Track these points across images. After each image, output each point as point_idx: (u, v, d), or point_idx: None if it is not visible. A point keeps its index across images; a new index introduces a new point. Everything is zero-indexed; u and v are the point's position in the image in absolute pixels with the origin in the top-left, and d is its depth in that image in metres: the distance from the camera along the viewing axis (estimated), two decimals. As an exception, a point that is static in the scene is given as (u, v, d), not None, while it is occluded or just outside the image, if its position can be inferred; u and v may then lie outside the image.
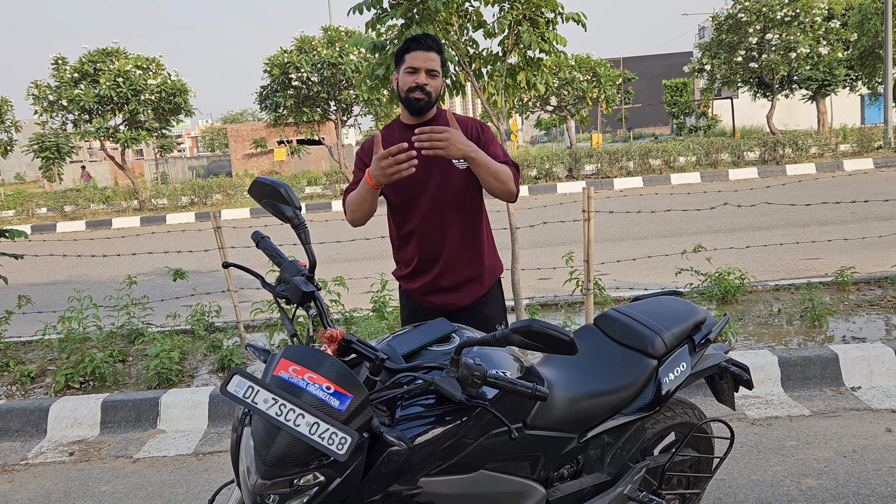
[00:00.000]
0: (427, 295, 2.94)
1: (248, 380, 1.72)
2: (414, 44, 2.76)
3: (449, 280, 2.91)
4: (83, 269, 11.49)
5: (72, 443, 4.52)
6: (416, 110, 2.80)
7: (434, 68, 2.75)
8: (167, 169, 44.75)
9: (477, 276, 2.94)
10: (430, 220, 2.84)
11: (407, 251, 2.96)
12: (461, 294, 2.92)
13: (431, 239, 2.87)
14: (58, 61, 21.06)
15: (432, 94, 2.77)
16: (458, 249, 2.88)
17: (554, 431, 2.23)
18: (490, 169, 2.71)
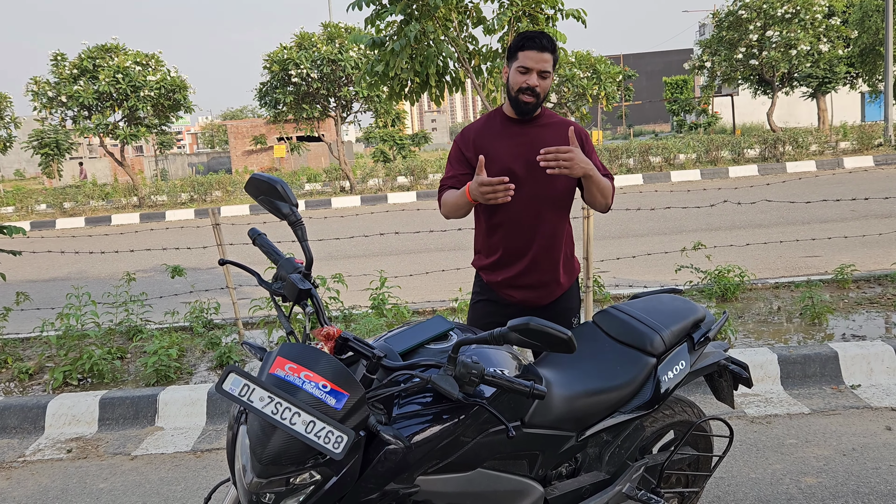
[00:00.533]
0: (508, 289, 2.93)
1: (243, 378, 1.71)
2: (529, 42, 2.72)
3: (532, 278, 2.90)
4: (82, 266, 11.48)
5: (69, 440, 4.52)
6: (523, 112, 2.80)
7: (546, 69, 2.73)
8: (167, 166, 44.73)
9: (558, 276, 2.93)
10: (523, 216, 2.83)
11: (492, 242, 2.94)
12: (542, 292, 2.92)
13: (521, 235, 2.86)
14: (57, 57, 21.01)
15: (541, 96, 2.77)
16: (545, 249, 2.87)
17: (552, 430, 2.22)
18: (600, 185, 2.74)
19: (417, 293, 7.39)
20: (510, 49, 2.80)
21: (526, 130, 2.85)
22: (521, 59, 2.72)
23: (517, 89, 2.74)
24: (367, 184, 22.83)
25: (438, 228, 10.86)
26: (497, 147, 2.83)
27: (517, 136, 2.84)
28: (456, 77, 5.48)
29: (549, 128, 2.87)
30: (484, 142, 2.87)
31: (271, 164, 36.88)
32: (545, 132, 2.85)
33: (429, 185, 22.14)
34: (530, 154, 2.75)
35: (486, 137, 2.87)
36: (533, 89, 2.72)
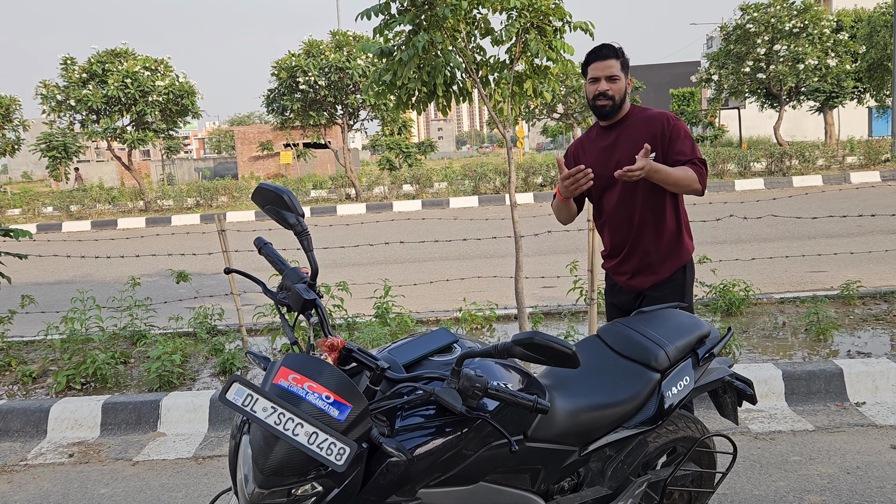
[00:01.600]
0: (617, 275, 3.33)
1: (247, 388, 1.71)
2: (592, 56, 3.07)
3: (632, 265, 3.24)
4: (87, 270, 11.50)
5: (72, 444, 4.52)
6: (603, 115, 3.13)
7: (613, 73, 3.03)
8: (173, 170, 44.87)
9: (652, 264, 3.20)
10: (619, 212, 3.17)
11: (604, 237, 3.37)
12: (642, 278, 3.23)
13: (619, 228, 3.22)
14: (66, 61, 21.14)
15: (615, 98, 3.06)
16: (643, 238, 3.17)
17: (555, 444, 2.21)
18: (671, 179, 2.96)
19: (421, 302, 7.39)
20: (582, 68, 3.16)
21: (616, 133, 3.16)
22: (590, 72, 3.08)
23: (592, 98, 3.09)
24: (372, 191, 22.86)
25: (443, 238, 10.87)
26: (588, 153, 3.23)
27: (607, 140, 3.18)
28: (463, 87, 5.48)
29: (632, 127, 3.14)
30: (579, 151, 3.29)
31: (277, 171, 36.98)
32: (632, 130, 3.14)
33: (434, 193, 22.17)
34: (615, 154, 3.10)
35: (583, 147, 3.27)
36: (604, 93, 3.04)
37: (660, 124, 3.09)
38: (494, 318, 6.43)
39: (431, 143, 40.74)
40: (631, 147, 3.06)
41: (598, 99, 3.07)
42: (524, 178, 21.49)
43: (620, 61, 3.05)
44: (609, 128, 3.19)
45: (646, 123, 3.11)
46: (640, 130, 3.10)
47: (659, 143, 3.07)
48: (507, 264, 8.61)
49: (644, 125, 3.11)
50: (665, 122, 3.11)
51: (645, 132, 3.08)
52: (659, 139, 3.08)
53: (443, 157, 71.27)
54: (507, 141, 5.56)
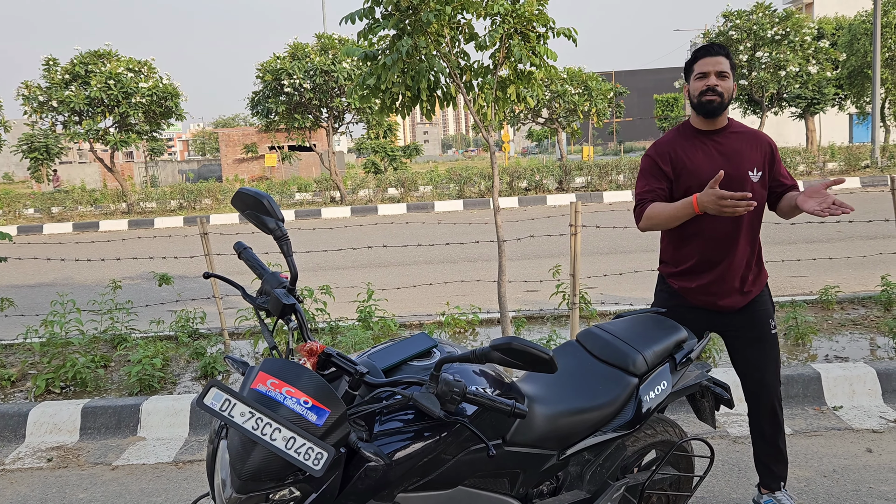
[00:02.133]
0: (703, 295, 3.03)
1: (225, 392, 1.71)
2: (701, 52, 2.92)
3: (728, 285, 3.00)
4: (68, 272, 11.40)
5: (50, 448, 4.48)
6: (709, 112, 2.91)
7: (723, 70, 2.88)
8: (157, 172, 44.57)
9: (751, 283, 3.04)
10: (721, 227, 2.93)
11: (686, 251, 3.04)
12: (737, 298, 3.03)
13: (717, 244, 2.97)
14: (49, 62, 20.94)
15: (724, 95, 2.88)
16: (741, 258, 2.98)
17: (534, 448, 2.22)
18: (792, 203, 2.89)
19: (405, 306, 7.39)
20: (686, 68, 3.00)
21: (719, 141, 2.97)
22: (698, 69, 2.91)
23: (699, 93, 2.89)
24: (357, 195, 22.82)
25: (427, 242, 10.88)
26: (694, 159, 2.96)
27: (711, 147, 2.96)
28: (447, 92, 5.50)
29: (739, 137, 2.99)
30: (680, 154, 2.99)
31: (262, 173, 36.84)
32: (737, 142, 2.98)
33: (419, 196, 22.18)
34: (727, 166, 2.89)
35: (682, 150, 2.99)
36: (713, 88, 2.86)
37: (766, 143, 3.01)
38: (477, 322, 6.44)
39: (417, 146, 40.75)
40: (740, 160, 2.94)
41: (706, 94, 2.88)
42: (509, 182, 21.54)
43: (729, 62, 2.92)
44: (710, 133, 2.99)
45: (753, 139, 3.00)
46: (750, 145, 2.98)
47: (767, 163, 2.99)
48: (490, 268, 8.64)
49: (752, 140, 2.99)
50: (769, 141, 3.04)
51: (755, 147, 2.98)
52: (767, 158, 3.00)
53: (428, 160, 71.31)
54: (490, 145, 5.58)
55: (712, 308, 3.05)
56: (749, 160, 2.95)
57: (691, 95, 2.95)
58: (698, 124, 3.00)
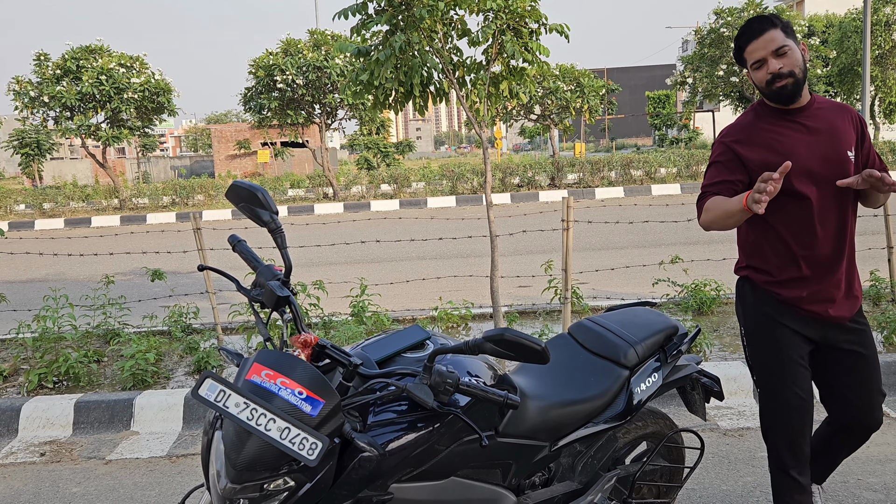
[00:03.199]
0: (819, 303, 2.58)
1: (219, 384, 1.73)
2: (744, 35, 2.50)
3: (844, 288, 2.60)
4: (60, 268, 11.37)
5: (43, 443, 4.48)
6: (786, 97, 2.49)
7: (779, 45, 2.44)
8: (149, 168, 44.38)
9: (853, 284, 2.65)
10: (828, 219, 2.53)
11: (791, 252, 2.58)
12: (853, 302, 2.63)
13: (828, 241, 2.55)
14: (40, 58, 20.82)
15: (795, 72, 2.45)
16: (851, 254, 2.62)
17: (526, 439, 2.25)
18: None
19: (398, 301, 7.41)
20: (736, 56, 2.59)
21: (811, 118, 2.54)
22: (749, 57, 2.50)
23: (766, 84, 2.48)
24: (350, 191, 22.81)
25: (420, 237, 10.89)
26: (789, 142, 2.52)
27: (804, 127, 2.53)
28: (440, 88, 5.51)
29: (828, 112, 2.57)
30: (768, 137, 2.54)
31: (255, 169, 36.73)
32: (829, 117, 2.56)
33: (412, 193, 22.18)
34: (827, 148, 2.50)
35: (769, 132, 2.54)
36: (779, 73, 2.44)
37: (856, 118, 2.59)
38: (470, 317, 6.46)
39: (409, 143, 40.73)
40: (831, 137, 2.51)
41: (774, 82, 2.45)
42: (501, 178, 21.57)
43: (780, 27, 2.46)
44: (793, 113, 2.54)
45: (839, 111, 2.57)
46: (837, 118, 2.55)
47: (856, 140, 2.57)
48: (483, 264, 8.66)
49: (838, 112, 2.57)
50: (858, 116, 2.61)
51: (844, 120, 2.55)
52: (857, 134, 2.57)
53: (421, 157, 71.21)
54: (483, 141, 5.60)
55: (826, 319, 2.59)
56: (846, 138, 2.53)
57: (758, 85, 2.54)
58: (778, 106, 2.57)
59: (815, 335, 2.61)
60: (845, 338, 2.62)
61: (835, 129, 2.51)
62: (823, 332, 2.61)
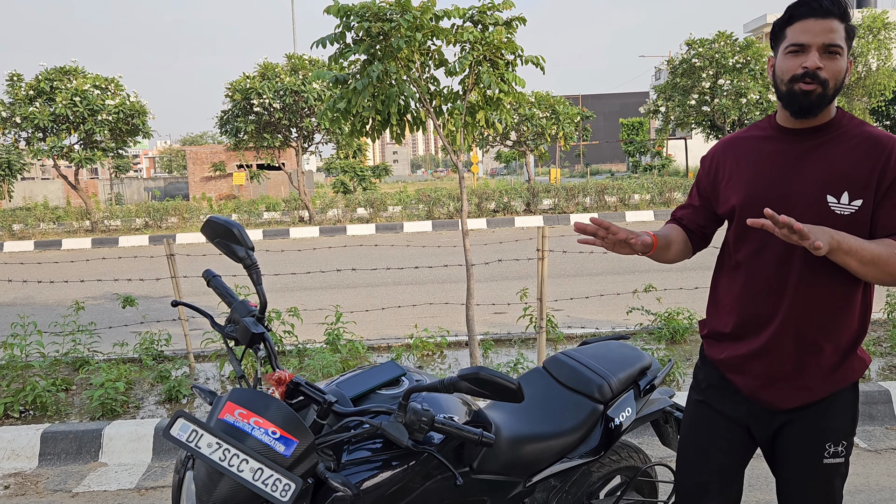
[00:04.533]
0: (734, 372, 2.10)
1: (191, 423, 1.71)
2: (801, 10, 1.89)
3: (765, 363, 2.03)
4: (29, 292, 11.17)
5: (7, 475, 4.37)
6: (803, 109, 1.91)
7: (835, 43, 1.87)
8: (122, 190, 43.95)
9: (807, 371, 2.00)
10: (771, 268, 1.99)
11: (728, 298, 2.12)
12: (781, 390, 2.03)
13: (765, 296, 2.01)
14: (13, 78, 20.65)
15: (829, 84, 1.88)
16: (795, 323, 1.98)
17: (500, 476, 2.24)
18: (864, 256, 1.80)
19: (373, 328, 7.38)
20: (775, 29, 1.98)
21: (801, 144, 1.98)
22: (791, 36, 1.91)
23: (789, 79, 1.90)
24: (326, 214, 22.76)
25: (396, 265, 10.88)
26: (748, 166, 2.04)
27: (784, 152, 1.99)
28: (417, 116, 5.56)
29: (841, 140, 1.94)
30: (732, 159, 2.10)
31: (230, 192, 36.53)
32: (833, 148, 1.94)
33: (388, 217, 22.19)
34: (794, 179, 1.95)
35: (740, 153, 2.09)
36: (815, 74, 1.86)
37: (888, 153, 1.88)
38: (446, 345, 6.45)
39: (386, 166, 40.80)
40: (830, 169, 1.91)
41: (801, 81, 1.88)
42: (477, 203, 21.68)
43: (845, 26, 1.89)
44: (796, 135, 1.98)
45: (867, 142, 1.91)
46: (854, 150, 1.91)
47: (875, 183, 1.88)
48: (458, 290, 8.67)
49: (863, 143, 1.91)
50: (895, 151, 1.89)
51: (864, 160, 1.89)
52: (878, 175, 1.88)
53: (397, 180, 71.39)
54: (459, 169, 5.64)
55: (754, 399, 2.08)
56: (840, 178, 1.90)
57: (777, 76, 1.95)
58: (784, 120, 2.01)
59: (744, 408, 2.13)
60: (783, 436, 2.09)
61: (829, 163, 1.92)
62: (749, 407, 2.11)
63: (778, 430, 2.09)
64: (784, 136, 2.01)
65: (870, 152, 1.90)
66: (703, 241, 2.29)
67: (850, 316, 1.98)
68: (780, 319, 1.98)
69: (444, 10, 5.05)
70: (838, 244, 1.76)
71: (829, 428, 2.04)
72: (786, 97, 1.94)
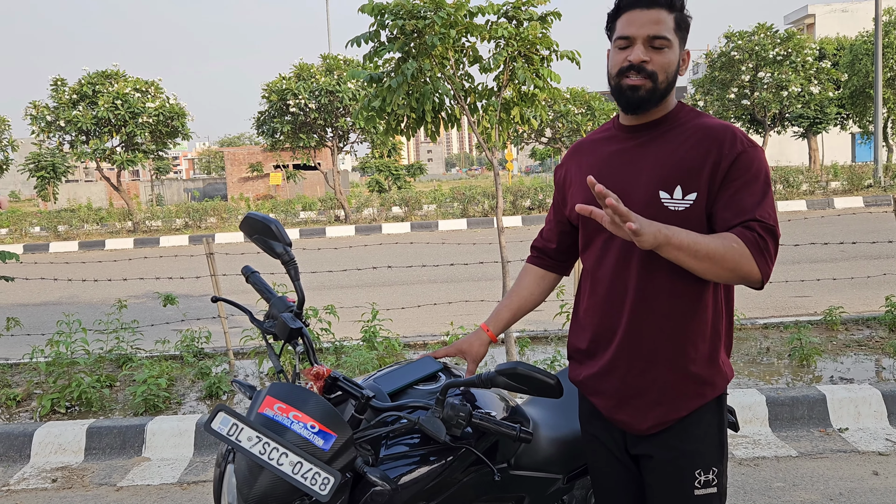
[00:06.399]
0: (591, 393, 1.99)
1: (232, 417, 1.72)
2: (627, 0, 1.80)
3: (614, 380, 1.91)
4: (74, 291, 11.44)
5: (55, 469, 4.48)
6: (631, 105, 1.82)
7: (660, 34, 1.76)
8: (162, 191, 44.79)
9: (664, 390, 1.85)
10: (611, 275, 1.88)
11: (582, 313, 2.02)
12: (630, 411, 1.89)
13: (605, 305, 1.90)
14: (57, 82, 21.18)
15: (658, 77, 1.78)
16: (637, 333, 1.85)
17: (539, 472, 2.23)
18: (699, 253, 1.66)
19: (409, 326, 7.40)
20: (608, 21, 1.89)
21: (637, 141, 1.89)
22: (619, 28, 1.81)
23: (616, 72, 1.81)
24: (361, 213, 22.91)
25: (431, 262, 10.90)
26: (588, 169, 1.94)
27: (622, 151, 1.90)
28: (452, 114, 5.55)
29: (675, 132, 1.85)
30: (576, 164, 2.02)
31: (267, 192, 36.99)
32: (667, 143, 1.84)
33: (423, 216, 22.25)
34: (629, 178, 1.85)
35: (583, 157, 2.00)
36: (640, 66, 1.77)
37: (720, 142, 1.78)
38: (482, 343, 6.43)
39: (420, 165, 40.93)
40: (662, 163, 1.81)
41: (626, 74, 1.79)
42: (512, 201, 21.62)
43: (675, 16, 1.78)
44: (634, 131, 1.89)
45: (699, 133, 1.81)
46: (686, 142, 1.81)
47: (707, 175, 1.77)
48: (494, 288, 8.65)
49: (695, 135, 1.81)
50: (731, 141, 1.78)
51: (692, 146, 1.80)
52: (710, 167, 1.77)
53: (432, 179, 71.51)
54: (494, 166, 5.62)
55: (612, 421, 1.95)
56: (672, 172, 1.80)
57: (608, 72, 1.87)
58: (623, 118, 1.93)
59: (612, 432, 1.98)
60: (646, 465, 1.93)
61: (672, 153, 1.82)
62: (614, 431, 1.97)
63: (643, 457, 1.92)
64: (623, 133, 1.92)
65: (702, 143, 1.80)
66: (569, 258, 2.19)
67: (699, 322, 1.83)
68: (623, 330, 1.86)
69: (479, 7, 5.04)
70: (667, 238, 1.61)
71: (694, 452, 1.86)
72: (615, 91, 1.85)
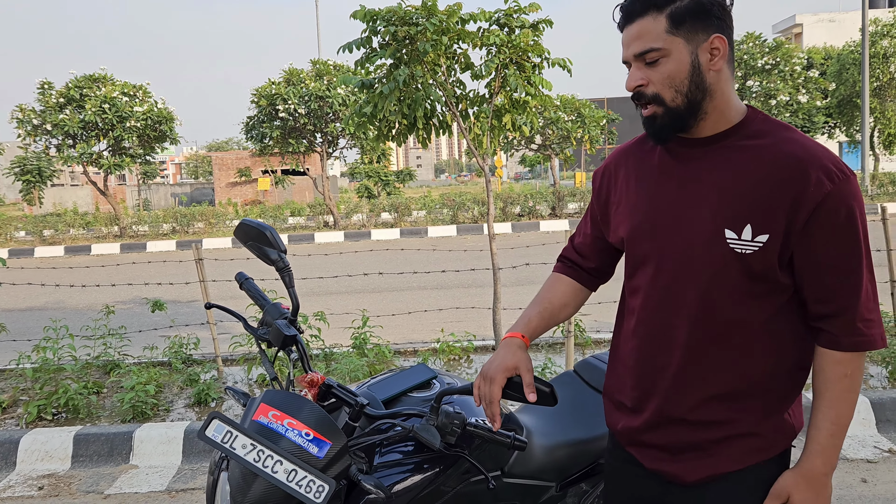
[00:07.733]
0: (633, 445, 1.75)
1: (226, 424, 1.71)
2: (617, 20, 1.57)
3: (662, 431, 1.67)
4: (60, 296, 11.35)
5: (41, 476, 4.43)
6: (655, 137, 1.58)
7: (645, 48, 1.50)
8: (149, 195, 44.55)
9: (714, 436, 1.61)
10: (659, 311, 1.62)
11: (623, 354, 1.76)
12: (683, 462, 1.65)
13: (652, 339, 1.65)
14: (44, 86, 21.03)
15: (664, 97, 1.51)
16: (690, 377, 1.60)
17: (532, 480, 2.22)
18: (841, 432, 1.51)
19: (399, 333, 7.38)
20: None
21: (694, 158, 1.57)
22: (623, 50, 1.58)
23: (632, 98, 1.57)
24: (351, 219, 22.88)
25: (421, 268, 10.89)
26: (637, 184, 1.67)
27: (674, 168, 1.59)
28: (443, 120, 5.56)
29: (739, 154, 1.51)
30: (624, 176, 1.72)
31: (255, 197, 36.88)
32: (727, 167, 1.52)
33: (412, 222, 22.25)
34: (685, 208, 1.55)
35: (627, 167, 1.72)
36: (640, 94, 1.54)
37: (802, 173, 1.43)
38: (472, 350, 6.44)
39: (410, 171, 40.91)
40: (727, 188, 1.50)
41: (637, 105, 1.56)
42: (502, 207, 21.65)
43: (666, 14, 1.46)
44: (694, 143, 1.57)
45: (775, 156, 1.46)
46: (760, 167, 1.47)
47: (784, 216, 1.45)
48: (485, 294, 8.65)
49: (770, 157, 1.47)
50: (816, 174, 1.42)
51: (767, 174, 1.46)
52: (789, 205, 1.44)
53: (421, 185, 71.53)
54: (485, 173, 5.63)
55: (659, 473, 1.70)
56: (740, 208, 1.48)
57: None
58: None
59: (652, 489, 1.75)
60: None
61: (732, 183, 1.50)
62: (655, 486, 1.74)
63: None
64: (679, 147, 1.59)
65: (779, 170, 1.45)
66: (602, 277, 1.96)
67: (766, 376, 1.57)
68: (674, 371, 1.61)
69: (470, 14, 5.06)
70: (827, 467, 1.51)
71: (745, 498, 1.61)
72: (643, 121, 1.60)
